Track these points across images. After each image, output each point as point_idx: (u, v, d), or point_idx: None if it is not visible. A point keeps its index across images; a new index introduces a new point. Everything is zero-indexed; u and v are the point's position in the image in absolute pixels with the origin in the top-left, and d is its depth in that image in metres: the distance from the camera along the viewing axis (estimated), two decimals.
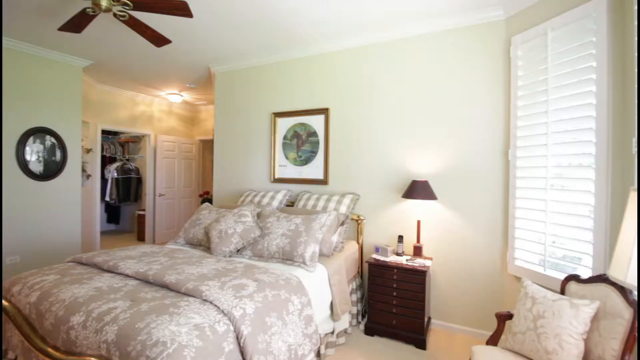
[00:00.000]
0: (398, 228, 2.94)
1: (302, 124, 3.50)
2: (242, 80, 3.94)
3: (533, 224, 2.21)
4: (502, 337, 1.79)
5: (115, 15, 2.30)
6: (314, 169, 3.43)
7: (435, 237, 2.79)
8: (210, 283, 1.62)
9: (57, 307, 1.49)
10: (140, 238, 6.01)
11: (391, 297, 2.54)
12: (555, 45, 2.07)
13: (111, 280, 1.74)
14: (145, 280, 1.74)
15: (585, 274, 1.75)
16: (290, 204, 3.40)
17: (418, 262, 2.53)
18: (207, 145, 6.73)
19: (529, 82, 2.27)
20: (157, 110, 5.91)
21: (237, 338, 1.36)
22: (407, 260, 2.60)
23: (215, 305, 1.44)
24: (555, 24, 2.05)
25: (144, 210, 6.02)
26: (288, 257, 2.29)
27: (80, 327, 1.35)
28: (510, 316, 1.78)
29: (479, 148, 2.63)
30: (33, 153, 3.59)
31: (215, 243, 2.42)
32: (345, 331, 2.53)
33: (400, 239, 2.75)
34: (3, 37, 3.27)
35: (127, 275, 1.82)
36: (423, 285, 2.42)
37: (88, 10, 2.22)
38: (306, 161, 3.47)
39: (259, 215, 2.77)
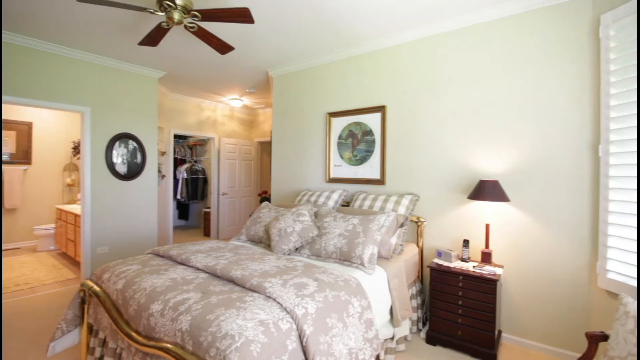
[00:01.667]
0: (463, 232, 2.74)
1: (358, 123, 3.45)
2: (297, 82, 4.02)
3: (631, 232, 1.88)
4: None
5: (185, 27, 2.49)
6: (369, 169, 3.36)
7: (507, 242, 2.54)
8: (272, 280, 1.66)
9: (139, 295, 1.65)
10: (206, 233, 6.48)
11: (456, 305, 2.37)
12: None
13: (184, 272, 1.88)
14: (214, 274, 1.85)
15: None
16: (346, 204, 3.37)
17: (487, 270, 2.32)
18: (265, 147, 7.02)
19: (624, 66, 1.95)
20: (220, 115, 6.31)
21: (300, 337, 1.36)
22: (474, 267, 2.41)
23: (278, 303, 1.47)
24: None
25: (209, 208, 6.49)
26: (345, 258, 2.26)
27: (159, 315, 1.47)
28: (604, 337, 1.54)
29: (561, 143, 2.33)
30: (119, 156, 4.06)
31: (275, 241, 2.49)
32: (405, 338, 2.43)
33: (466, 243, 2.56)
34: (93, 54, 3.76)
35: (198, 269, 1.95)
36: (493, 295, 2.21)
37: (163, 24, 2.43)
38: (362, 161, 3.42)
39: (316, 215, 2.79)
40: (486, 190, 2.40)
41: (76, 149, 5.89)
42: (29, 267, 4.37)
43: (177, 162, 6.91)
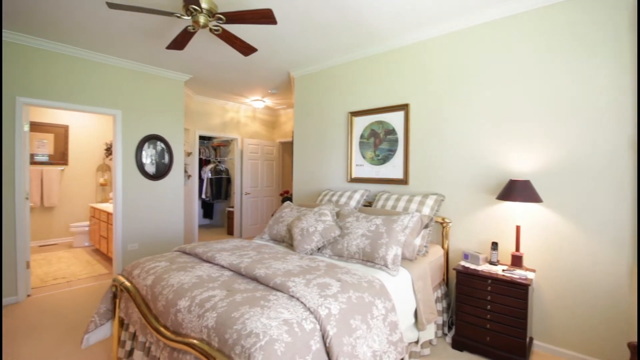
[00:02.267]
0: (491, 234, 2.63)
1: (380, 122, 3.40)
2: (319, 83, 4.02)
3: None
4: None
5: (210, 30, 2.55)
6: (392, 168, 3.30)
7: (540, 245, 2.42)
8: (296, 279, 1.67)
9: (167, 291, 1.69)
10: (230, 232, 6.61)
11: (484, 310, 2.28)
12: None
13: (210, 270, 1.92)
14: (238, 272, 1.88)
15: None
16: (368, 204, 3.33)
17: (518, 274, 2.22)
18: (286, 147, 7.08)
19: None
20: (243, 116, 6.43)
21: (323, 338, 1.35)
22: (503, 270, 2.31)
23: (302, 302, 1.47)
24: None
25: (232, 207, 6.62)
26: (369, 259, 2.23)
27: (186, 311, 1.50)
28: None
29: (599, 140, 2.19)
30: (148, 157, 4.22)
31: (297, 240, 2.50)
32: (430, 342, 2.37)
33: (495, 246, 2.46)
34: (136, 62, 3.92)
35: (223, 266, 1.99)
36: (525, 300, 2.11)
37: (189, 28, 2.50)
38: (384, 160, 3.37)
39: (337, 215, 2.77)
40: (516, 190, 2.30)
41: (108, 150, 6.17)
42: (65, 262, 4.63)
43: (202, 163, 7.09)
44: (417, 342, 2.15)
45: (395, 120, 3.27)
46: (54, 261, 4.68)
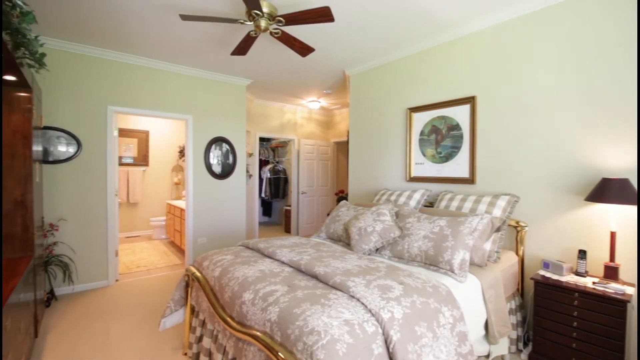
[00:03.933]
0: (577, 240, 2.31)
1: (442, 117, 3.20)
2: (375, 80, 3.92)
3: None
4: None
5: (271, 33, 2.63)
6: (456, 166, 3.08)
7: None
8: (355, 280, 1.63)
9: (233, 283, 1.78)
10: (287, 230, 6.82)
11: (569, 327, 2.00)
12: None
13: (271, 265, 1.98)
14: (298, 269, 1.90)
15: None
16: (429, 204, 3.16)
17: (613, 288, 1.91)
18: (341, 147, 7.07)
19: None
20: (300, 118, 6.57)
21: (386, 342, 1.30)
22: (594, 283, 2.00)
23: (362, 304, 1.43)
24: None
25: (289, 206, 6.81)
26: (432, 262, 2.10)
27: (250, 304, 1.56)
28: None
29: None
30: (214, 157, 4.54)
31: (355, 240, 2.46)
32: (502, 358, 2.15)
33: (582, 254, 2.14)
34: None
35: (283, 262, 2.04)
36: (622, 319, 1.81)
37: (251, 33, 2.61)
38: (447, 158, 3.16)
39: (397, 215, 2.67)
40: (611, 190, 1.97)
41: (181, 153, 6.79)
42: (146, 253, 5.19)
43: (262, 163, 7.42)
44: (487, 356, 1.97)
45: (459, 114, 3.05)
46: (137, 251, 5.28)
